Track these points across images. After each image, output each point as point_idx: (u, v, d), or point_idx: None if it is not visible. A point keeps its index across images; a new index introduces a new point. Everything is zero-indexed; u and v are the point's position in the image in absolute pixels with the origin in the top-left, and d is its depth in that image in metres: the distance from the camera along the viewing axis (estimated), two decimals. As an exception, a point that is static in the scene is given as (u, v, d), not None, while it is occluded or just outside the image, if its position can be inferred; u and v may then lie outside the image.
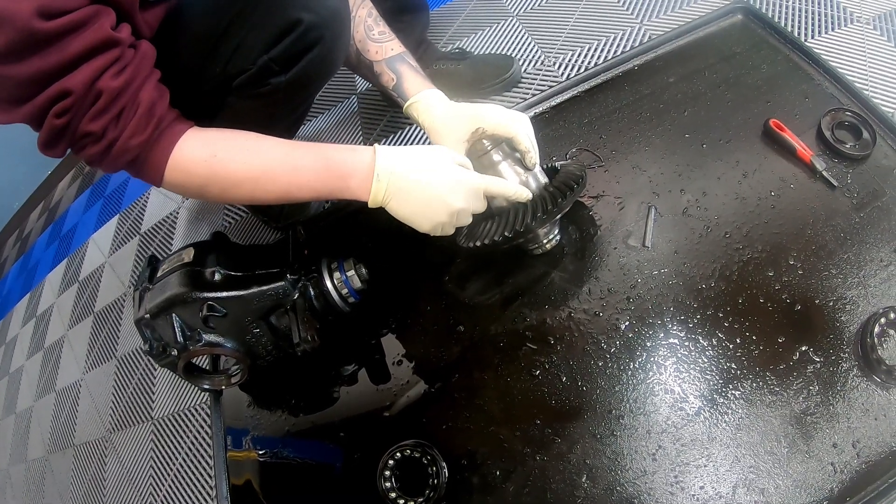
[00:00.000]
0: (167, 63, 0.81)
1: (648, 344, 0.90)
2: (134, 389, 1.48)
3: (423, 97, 0.95)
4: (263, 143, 0.82)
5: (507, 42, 1.54)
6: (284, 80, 0.88)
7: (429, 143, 0.92)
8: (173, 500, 1.24)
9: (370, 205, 0.85)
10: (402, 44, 1.00)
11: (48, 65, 0.65)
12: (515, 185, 0.89)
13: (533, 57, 1.47)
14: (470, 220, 0.89)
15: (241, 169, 0.80)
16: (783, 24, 1.27)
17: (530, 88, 1.40)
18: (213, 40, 0.85)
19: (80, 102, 0.68)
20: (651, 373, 0.88)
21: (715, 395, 0.84)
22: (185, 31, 0.86)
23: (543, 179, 0.94)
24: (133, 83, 0.72)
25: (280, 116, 1.01)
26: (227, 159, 0.79)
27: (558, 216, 0.88)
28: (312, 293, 0.93)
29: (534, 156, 0.90)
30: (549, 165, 1.00)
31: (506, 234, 0.86)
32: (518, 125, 0.89)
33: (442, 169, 0.83)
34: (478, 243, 0.89)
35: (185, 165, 0.78)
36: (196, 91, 0.89)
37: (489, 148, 0.90)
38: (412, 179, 0.82)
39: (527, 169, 0.91)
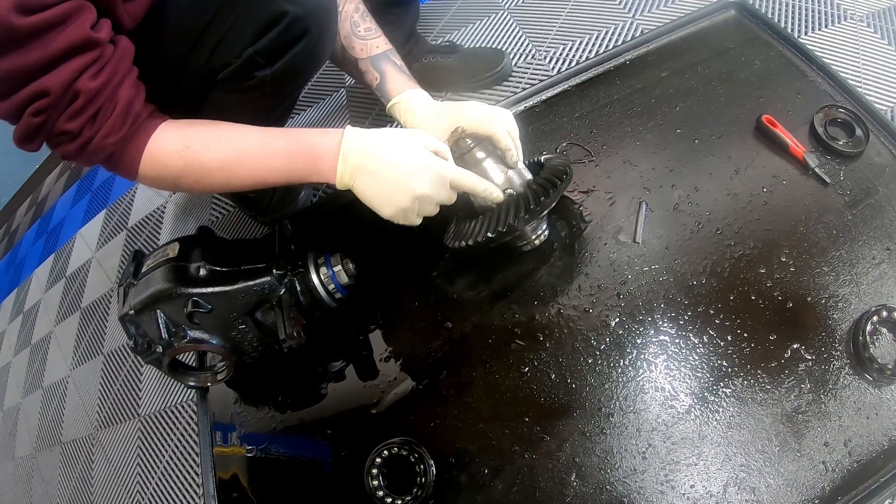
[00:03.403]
0: (151, 55, 0.80)
1: (639, 341, 0.90)
2: (121, 386, 1.46)
3: (405, 98, 0.94)
4: (236, 130, 0.82)
5: (498, 36, 1.53)
6: (270, 74, 0.87)
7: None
8: (160, 498, 1.22)
9: (338, 186, 0.82)
10: (389, 40, 0.98)
11: (27, 62, 0.64)
12: (485, 182, 0.86)
13: (524, 51, 1.46)
14: (436, 210, 0.85)
15: (215, 158, 0.79)
16: (777, 20, 1.27)
17: (521, 82, 1.39)
18: (196, 32, 0.84)
19: (57, 102, 0.68)
20: (641, 370, 0.87)
21: (706, 393, 0.84)
22: (168, 23, 0.84)
23: (528, 176, 0.92)
24: (111, 83, 0.71)
25: (266, 111, 0.99)
26: (201, 149, 0.79)
27: (543, 214, 0.87)
28: (299, 288, 0.92)
29: (514, 153, 0.88)
30: (535, 160, 0.98)
31: (489, 234, 0.84)
32: (498, 122, 0.87)
33: (410, 151, 0.80)
34: (463, 244, 0.88)
35: (159, 159, 0.78)
36: (180, 84, 0.88)
37: (472, 146, 0.89)
38: (378, 160, 0.80)
39: (509, 166, 0.90)
